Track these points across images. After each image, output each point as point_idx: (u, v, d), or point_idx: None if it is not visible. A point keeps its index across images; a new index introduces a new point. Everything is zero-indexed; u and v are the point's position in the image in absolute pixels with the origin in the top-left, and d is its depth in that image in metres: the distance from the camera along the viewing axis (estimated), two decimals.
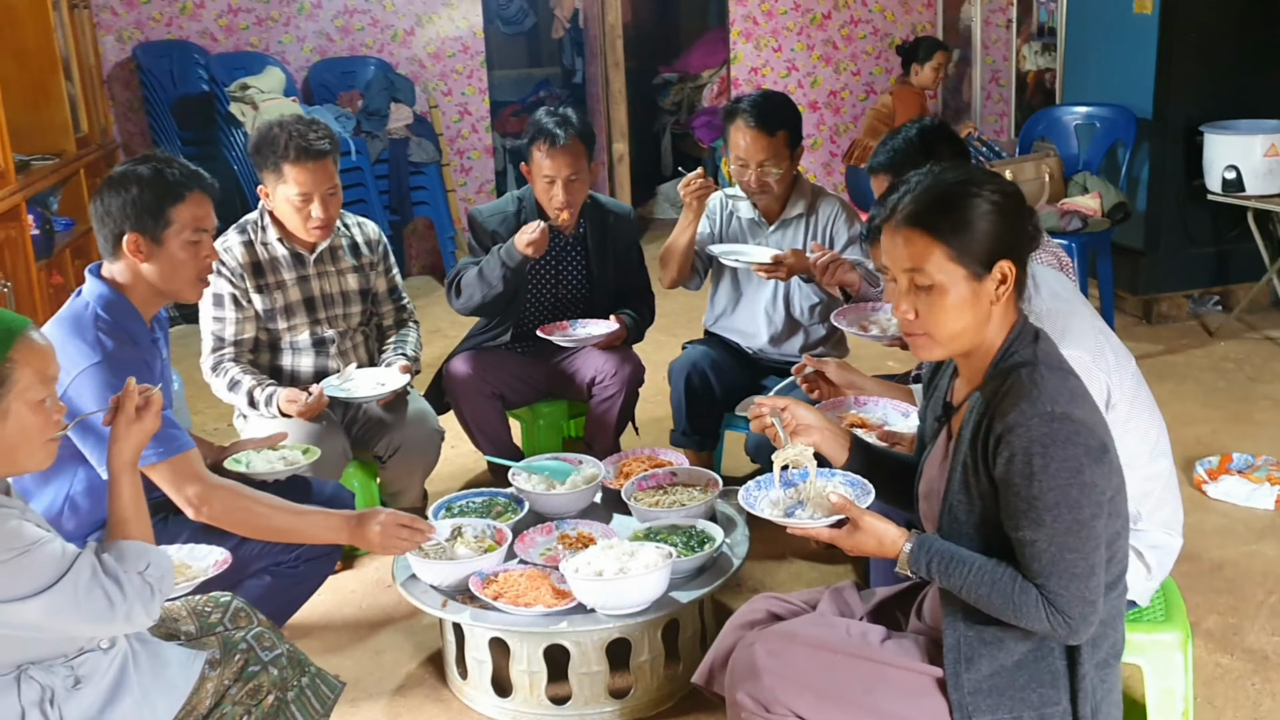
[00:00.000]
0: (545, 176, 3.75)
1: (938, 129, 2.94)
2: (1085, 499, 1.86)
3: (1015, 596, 1.90)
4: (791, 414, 2.27)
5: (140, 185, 2.65)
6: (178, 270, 2.71)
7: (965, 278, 1.95)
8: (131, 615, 1.99)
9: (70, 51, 6.00)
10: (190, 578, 2.45)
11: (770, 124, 3.58)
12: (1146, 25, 5.52)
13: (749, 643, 2.12)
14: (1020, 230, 1.97)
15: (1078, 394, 1.92)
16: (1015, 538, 1.91)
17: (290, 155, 3.35)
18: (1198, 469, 3.97)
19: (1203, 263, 5.77)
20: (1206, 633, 3.11)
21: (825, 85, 8.04)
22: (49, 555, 1.91)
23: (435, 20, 7.43)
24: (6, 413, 1.93)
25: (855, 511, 2.06)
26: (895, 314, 2.05)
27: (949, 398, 2.15)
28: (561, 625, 2.73)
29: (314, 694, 2.31)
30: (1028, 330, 2.01)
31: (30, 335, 1.98)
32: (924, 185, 1.99)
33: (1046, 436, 1.85)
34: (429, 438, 3.64)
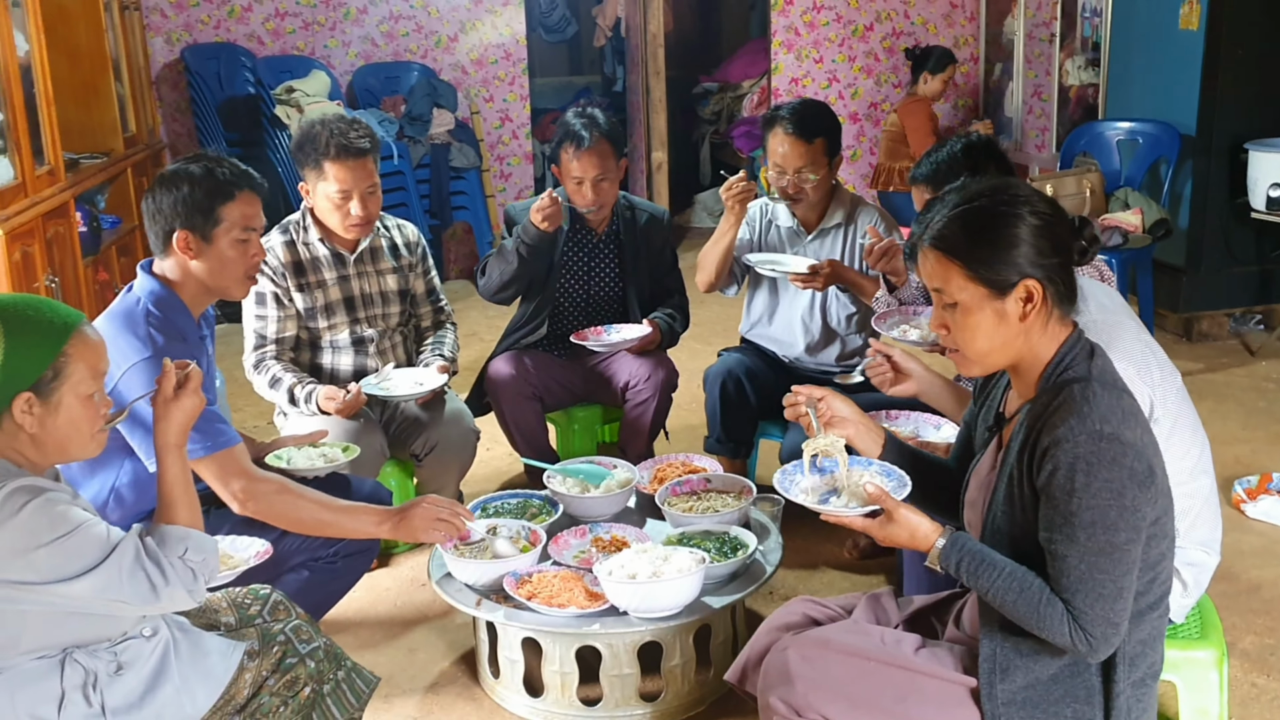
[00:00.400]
0: (574, 178, 3.81)
1: (985, 145, 2.94)
2: (1123, 522, 1.85)
3: (1041, 608, 1.90)
4: (827, 405, 2.29)
5: (192, 183, 2.70)
6: (226, 267, 2.75)
7: (986, 297, 1.96)
8: (175, 597, 2.03)
9: (120, 52, 6.11)
10: (232, 567, 2.49)
11: (808, 131, 3.60)
12: (1192, 41, 5.49)
13: (783, 647, 2.12)
14: (1051, 248, 1.95)
15: (1130, 414, 1.90)
16: (1048, 549, 1.91)
17: (331, 152, 3.41)
18: (1236, 488, 3.94)
19: (1245, 281, 5.72)
20: (1243, 653, 3.08)
21: (866, 97, 8.04)
22: (95, 536, 1.95)
23: (479, 27, 7.49)
24: (59, 405, 1.98)
25: (890, 503, 2.06)
26: (931, 330, 2.06)
27: (1001, 408, 2.16)
28: (594, 627, 2.74)
29: (349, 688, 2.34)
30: (1083, 345, 2.00)
31: (84, 330, 2.03)
32: (951, 204, 2.00)
33: (1093, 455, 1.84)
34: (465, 437, 3.67)
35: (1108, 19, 6.32)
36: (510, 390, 3.84)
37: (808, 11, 7.86)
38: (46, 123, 4.75)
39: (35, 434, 1.98)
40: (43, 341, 1.96)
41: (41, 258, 4.39)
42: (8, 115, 4.34)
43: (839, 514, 2.12)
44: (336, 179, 3.44)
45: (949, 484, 2.29)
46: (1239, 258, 5.66)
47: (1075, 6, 6.80)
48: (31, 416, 1.96)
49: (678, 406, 4.10)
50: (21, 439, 1.98)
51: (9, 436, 1.97)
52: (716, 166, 9.40)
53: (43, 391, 1.96)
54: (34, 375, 1.95)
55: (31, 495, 1.91)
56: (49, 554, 1.90)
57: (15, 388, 1.94)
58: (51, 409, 1.98)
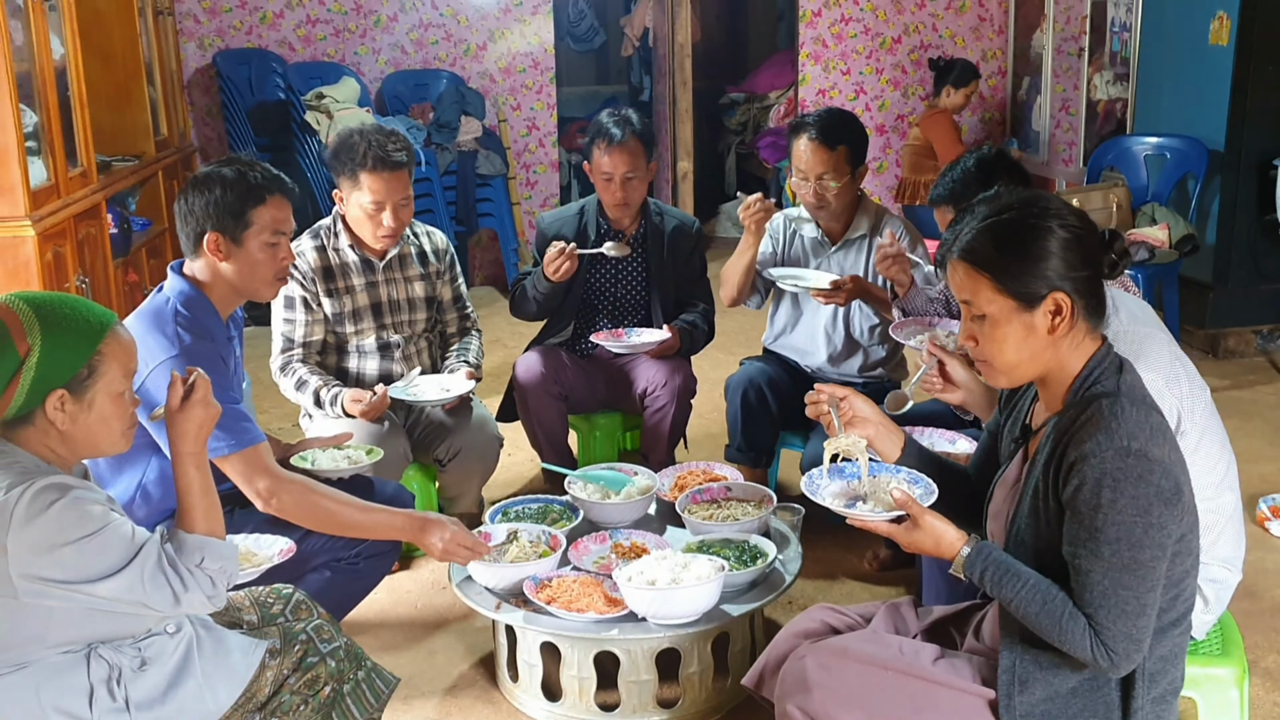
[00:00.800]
0: (604, 174, 3.85)
1: (996, 157, 2.95)
2: (1148, 539, 1.85)
3: (1064, 621, 1.90)
4: (849, 404, 2.30)
5: (224, 186, 2.73)
6: (255, 270, 2.78)
7: (1015, 309, 1.96)
8: (194, 603, 2.05)
9: (153, 57, 6.18)
10: (256, 565, 2.52)
11: (831, 138, 3.61)
12: (1222, 57, 5.47)
13: (800, 655, 2.13)
14: (1081, 261, 1.95)
15: (1158, 431, 1.90)
16: (1073, 564, 1.91)
17: (368, 164, 3.44)
18: (1261, 506, 3.92)
19: (1273, 298, 5.69)
20: (1265, 672, 3.06)
21: (893, 109, 8.04)
22: (121, 536, 1.98)
23: (507, 36, 7.53)
24: (92, 402, 2.01)
25: (916, 509, 2.06)
26: (961, 343, 2.06)
27: (1028, 420, 2.16)
28: (613, 633, 2.75)
29: (369, 688, 2.36)
30: (1112, 359, 2.00)
31: (118, 330, 2.06)
32: (981, 216, 2.00)
33: (1120, 471, 1.84)
34: (488, 443, 3.69)
35: (1137, 33, 6.30)
36: (538, 388, 3.87)
37: (835, 24, 7.86)
38: (80, 125, 4.81)
39: (66, 430, 2.00)
40: (79, 340, 1.99)
41: (73, 258, 4.44)
42: (42, 117, 4.39)
43: (865, 519, 2.12)
44: (371, 190, 3.47)
45: (966, 491, 2.29)
46: (1266, 274, 5.63)
47: (1104, 21, 6.78)
48: (64, 414, 1.98)
49: (699, 415, 4.11)
50: (52, 435, 2.00)
51: (40, 432, 2.00)
52: (742, 177, 9.42)
53: (76, 389, 1.99)
54: (69, 373, 1.97)
55: (60, 493, 1.94)
56: (75, 551, 1.92)
57: (50, 385, 1.96)
58: (84, 407, 2.00)
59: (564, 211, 4.06)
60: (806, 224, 3.86)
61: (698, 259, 4.11)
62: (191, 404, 2.13)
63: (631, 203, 3.89)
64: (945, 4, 7.91)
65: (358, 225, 3.57)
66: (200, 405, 2.13)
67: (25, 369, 1.94)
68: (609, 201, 3.89)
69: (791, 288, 3.74)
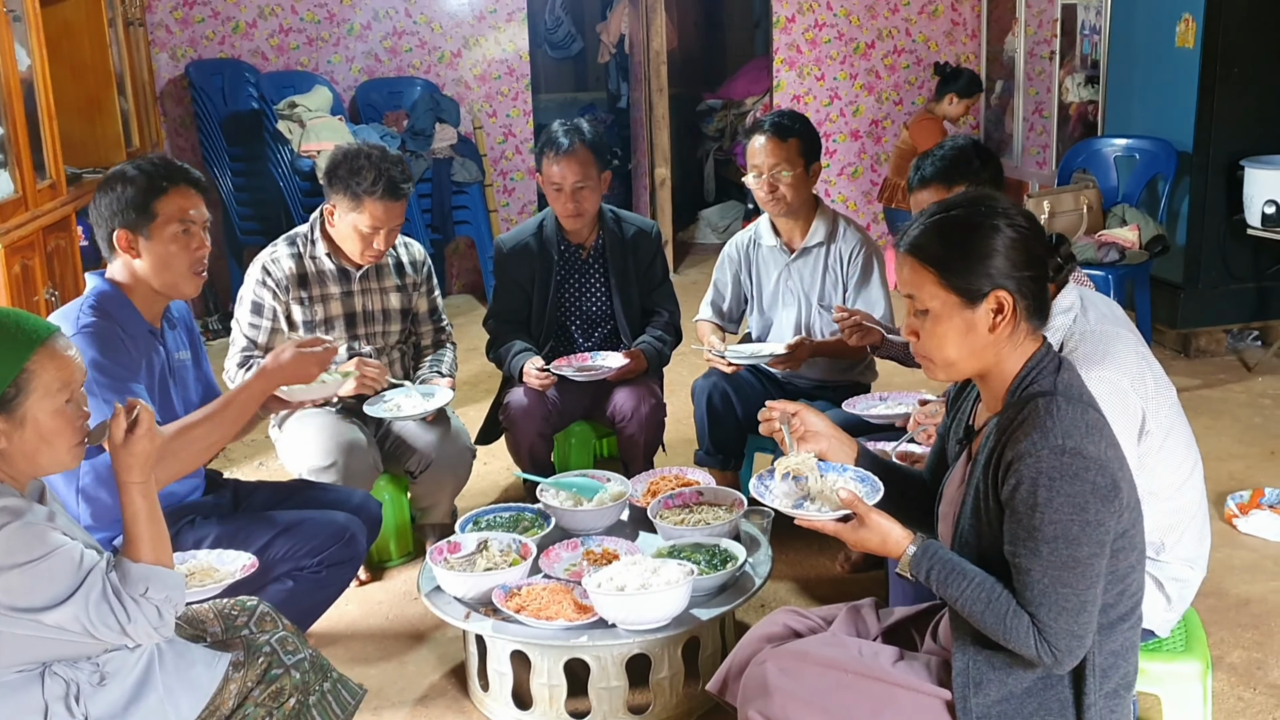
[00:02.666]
0: (554, 184, 3.84)
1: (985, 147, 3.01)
2: (1085, 537, 1.87)
3: (1008, 619, 1.92)
4: (801, 419, 2.31)
5: (125, 183, 2.74)
6: (169, 263, 2.76)
7: (957, 306, 1.97)
8: (140, 633, 2.03)
9: (125, 67, 6.16)
10: (218, 580, 2.51)
11: (781, 131, 3.66)
12: (1188, 59, 5.51)
13: (761, 660, 2.14)
14: (1025, 261, 1.97)
15: (1094, 429, 1.91)
16: (1013, 563, 1.92)
17: (378, 192, 3.42)
18: (1229, 503, 3.95)
19: (1242, 298, 5.72)
20: (1230, 667, 3.08)
21: (867, 114, 8.07)
22: (67, 563, 1.95)
23: (482, 43, 7.53)
24: (24, 420, 1.99)
25: (862, 508, 2.07)
26: (904, 336, 2.08)
27: (971, 420, 2.17)
28: (582, 639, 2.75)
29: (335, 699, 2.35)
30: (1050, 359, 2.01)
31: (53, 343, 2.03)
32: (930, 212, 2.02)
33: (1055, 470, 1.86)
34: (460, 455, 3.68)
35: (1106, 37, 6.34)
36: (531, 428, 3.81)
37: (810, 29, 7.89)
38: (48, 137, 4.79)
39: (3, 449, 1.98)
40: (4, 357, 1.97)
41: (42, 271, 4.42)
42: (8, 129, 4.37)
43: (812, 518, 2.13)
44: (373, 216, 3.45)
45: (922, 496, 2.30)
46: (1236, 274, 5.66)
47: (1075, 24, 6.82)
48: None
49: (674, 420, 4.12)
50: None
51: None
52: (720, 183, 9.45)
53: (6, 407, 1.97)
54: None
55: (11, 517, 1.93)
56: (21, 576, 1.91)
57: None
58: (16, 424, 1.98)
59: (522, 230, 4.03)
60: (765, 233, 3.87)
61: (660, 264, 4.10)
62: (135, 437, 2.08)
63: (584, 213, 3.87)
64: (919, 8, 7.94)
65: (344, 241, 3.55)
66: (145, 438, 2.09)
67: None
68: (560, 212, 3.87)
69: (749, 362, 3.74)
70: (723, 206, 9.21)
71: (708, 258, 8.31)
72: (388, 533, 3.77)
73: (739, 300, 3.98)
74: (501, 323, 4.01)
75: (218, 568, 2.58)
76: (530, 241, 3.96)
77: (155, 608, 2.03)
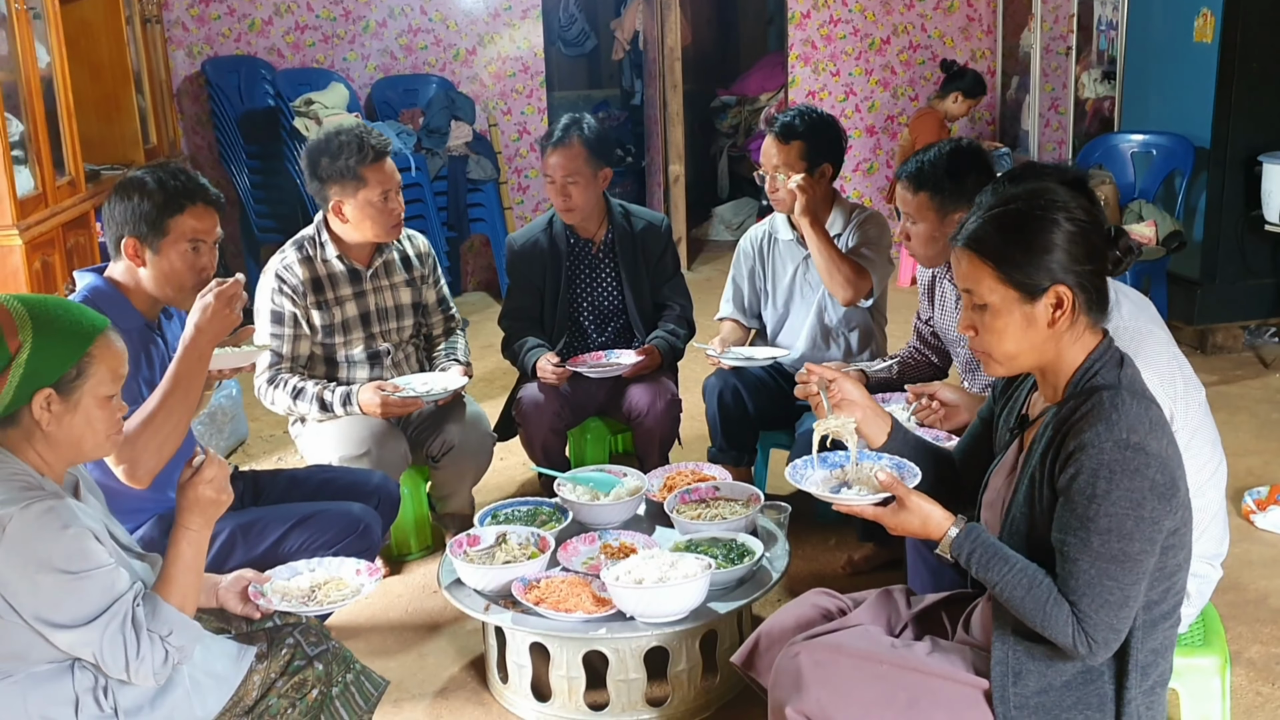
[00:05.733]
0: (546, 175, 3.88)
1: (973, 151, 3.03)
2: (1139, 532, 1.86)
3: (1048, 606, 1.91)
4: (838, 387, 2.30)
5: (143, 194, 2.75)
6: (171, 278, 2.78)
7: (1017, 300, 1.96)
8: (141, 673, 2.01)
9: (142, 65, 6.20)
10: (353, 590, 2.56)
11: (786, 134, 3.66)
12: (1206, 54, 5.49)
13: (794, 653, 2.12)
14: (1085, 255, 1.95)
15: (1156, 425, 1.90)
16: (1060, 550, 1.92)
17: (369, 157, 3.44)
18: (1247, 499, 3.94)
19: (1260, 294, 5.70)
20: (1249, 662, 3.08)
21: (883, 110, 8.06)
22: (102, 586, 1.97)
23: (497, 40, 7.55)
24: (78, 404, 2.02)
25: (902, 490, 2.06)
26: (960, 331, 2.08)
27: (1025, 409, 2.17)
28: (601, 632, 2.76)
29: (358, 690, 2.36)
30: (1113, 353, 2.01)
31: (109, 334, 2.07)
32: (988, 205, 2.01)
33: (1116, 464, 1.85)
34: (481, 441, 3.69)
35: (1123, 32, 6.32)
36: (544, 424, 3.83)
37: (825, 25, 7.88)
38: (67, 134, 4.83)
39: (51, 432, 2.01)
40: (69, 340, 2.00)
41: (62, 267, 4.45)
42: (29, 126, 4.41)
43: (850, 502, 2.13)
44: (379, 181, 3.47)
45: (951, 474, 2.31)
46: (1254, 270, 5.65)
47: (1091, 19, 6.80)
48: (49, 414, 1.99)
49: (689, 416, 4.12)
50: (37, 437, 2.01)
51: (25, 434, 2.00)
52: (734, 180, 9.45)
53: (64, 389, 2.00)
54: (58, 372, 1.98)
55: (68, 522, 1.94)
56: (55, 584, 1.92)
57: (38, 383, 1.97)
58: (70, 407, 2.01)
59: (532, 228, 4.05)
60: (782, 227, 3.88)
61: (670, 257, 4.10)
62: (196, 483, 2.13)
63: (574, 208, 3.88)
64: (934, 4, 7.93)
65: (366, 226, 3.52)
66: (208, 488, 2.13)
67: (15, 365, 1.95)
68: (555, 205, 3.91)
69: (742, 364, 3.74)
70: (736, 203, 9.21)
71: (721, 254, 8.31)
72: (407, 526, 3.79)
73: (756, 295, 3.98)
74: (515, 321, 4.03)
75: (345, 579, 2.59)
76: (540, 238, 3.98)
77: (166, 652, 2.03)
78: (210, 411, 4.59)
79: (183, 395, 2.64)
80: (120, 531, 2.18)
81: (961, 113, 6.86)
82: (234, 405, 4.86)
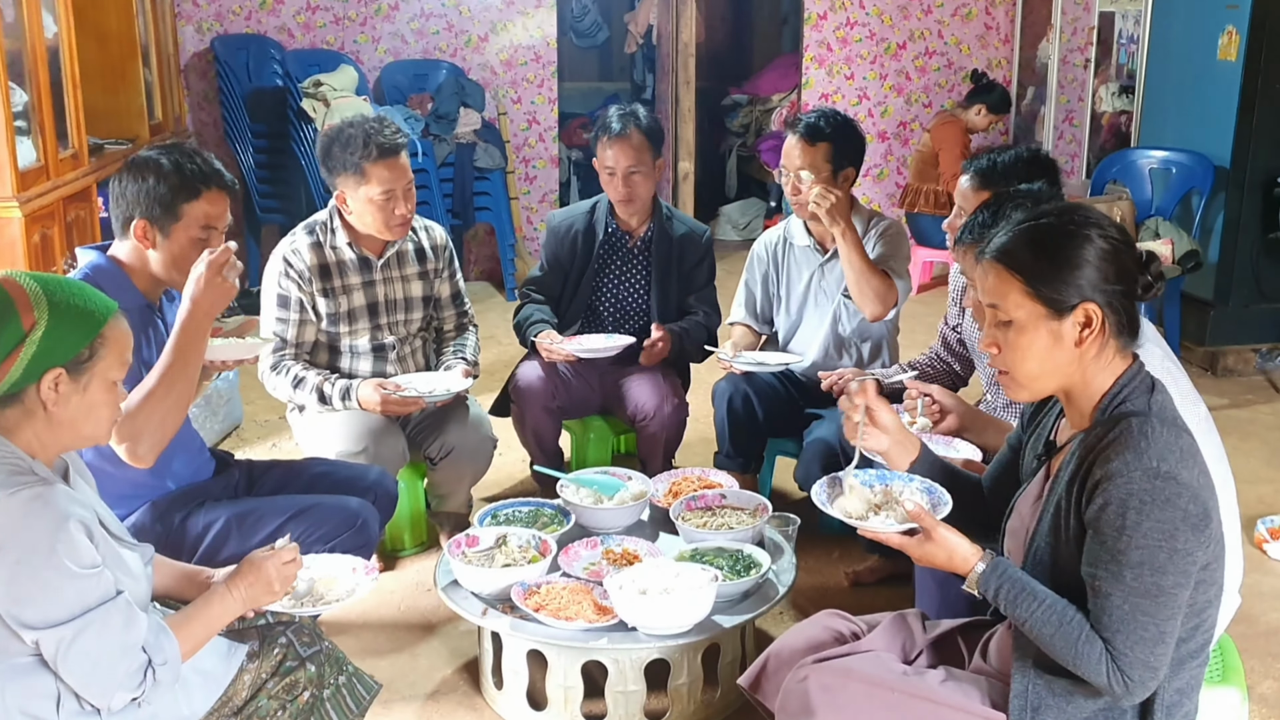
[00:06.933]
0: (606, 168, 3.81)
1: (1049, 161, 2.97)
2: (1172, 565, 1.79)
3: (1079, 644, 1.84)
4: (873, 414, 2.24)
5: (158, 176, 2.67)
6: (179, 263, 2.70)
7: (1044, 316, 1.89)
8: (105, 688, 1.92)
9: (150, 39, 6.11)
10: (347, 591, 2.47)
11: (812, 134, 3.58)
12: (1230, 72, 5.42)
13: (802, 676, 2.06)
14: (1116, 274, 1.89)
15: (1188, 454, 1.84)
16: (1092, 585, 1.85)
17: (374, 154, 3.35)
18: (1259, 528, 3.87)
19: (1273, 317, 5.64)
20: (1261, 697, 3.02)
21: (896, 116, 7.99)
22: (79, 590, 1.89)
23: (510, 28, 7.46)
24: (86, 387, 1.97)
25: (929, 521, 2.00)
26: (982, 349, 2.01)
27: (1052, 436, 2.10)
28: (601, 642, 2.69)
29: (350, 694, 2.30)
30: (1143, 378, 1.94)
31: (120, 318, 2.02)
32: (1019, 220, 1.95)
33: (1147, 494, 1.78)
34: (481, 444, 3.62)
35: (1144, 46, 6.25)
36: (536, 402, 3.79)
37: (841, 27, 7.81)
38: (72, 106, 4.74)
39: (54, 412, 1.95)
40: (84, 321, 1.95)
41: (61, 241, 4.37)
42: (33, 97, 4.32)
43: (876, 530, 2.06)
44: (380, 180, 3.38)
45: (978, 503, 2.24)
46: (1268, 293, 5.58)
47: (1112, 33, 6.74)
48: (56, 394, 1.93)
49: (695, 420, 4.05)
50: (38, 417, 1.95)
51: (26, 413, 1.94)
52: (743, 180, 9.37)
53: (74, 370, 1.95)
54: (71, 353, 1.93)
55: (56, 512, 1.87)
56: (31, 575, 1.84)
57: (49, 362, 1.92)
58: (79, 389, 1.96)
59: (574, 210, 4.00)
60: (798, 233, 3.80)
61: (706, 269, 4.02)
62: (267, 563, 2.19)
63: (635, 199, 3.82)
64: (952, 11, 7.86)
65: (369, 220, 3.44)
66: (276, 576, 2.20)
67: (28, 343, 1.90)
68: (613, 198, 3.84)
69: (754, 368, 3.66)
70: (744, 203, 9.13)
71: (727, 254, 8.23)
72: (402, 522, 3.72)
73: (769, 300, 3.91)
74: (533, 293, 3.97)
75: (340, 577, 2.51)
76: (579, 220, 3.93)
77: (144, 676, 1.95)
78: (206, 395, 4.51)
79: (181, 368, 2.57)
80: (110, 519, 2.10)
81: (982, 126, 6.82)
82: (230, 389, 4.79)
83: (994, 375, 3.18)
